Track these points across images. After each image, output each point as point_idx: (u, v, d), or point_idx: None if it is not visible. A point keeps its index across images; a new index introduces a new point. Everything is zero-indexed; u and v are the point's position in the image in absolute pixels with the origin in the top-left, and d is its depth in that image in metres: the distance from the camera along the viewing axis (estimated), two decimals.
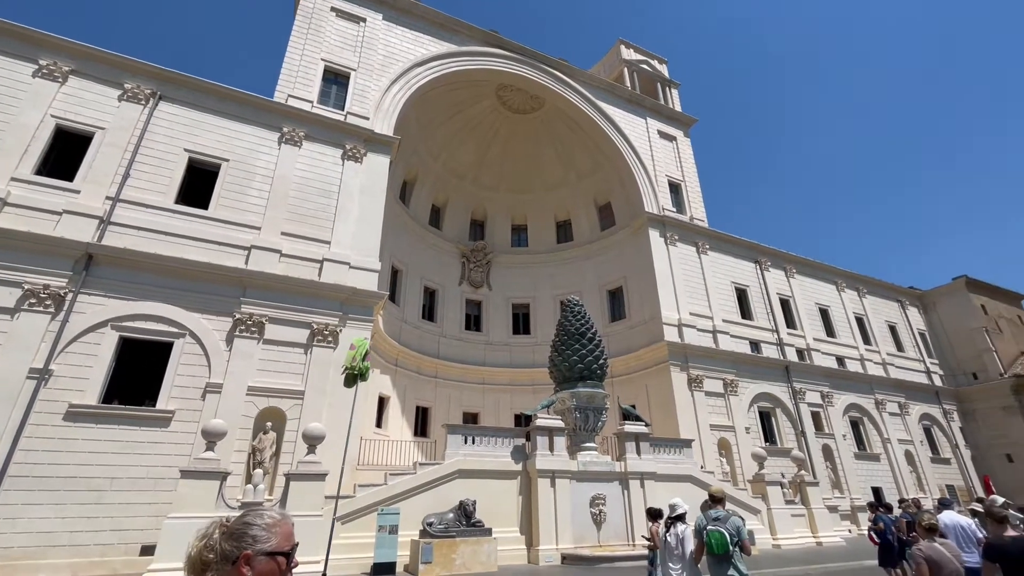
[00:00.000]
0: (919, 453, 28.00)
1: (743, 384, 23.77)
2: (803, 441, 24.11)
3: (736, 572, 5.14)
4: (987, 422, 30.74)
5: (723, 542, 5.15)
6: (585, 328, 17.07)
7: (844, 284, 31.97)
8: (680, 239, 26.11)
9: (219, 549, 1.40)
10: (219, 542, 1.41)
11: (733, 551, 5.18)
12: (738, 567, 5.18)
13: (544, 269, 28.87)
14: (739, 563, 5.21)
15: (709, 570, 5.36)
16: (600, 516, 14.47)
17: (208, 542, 1.42)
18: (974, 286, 34.08)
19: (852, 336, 30.21)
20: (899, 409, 28.83)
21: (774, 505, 18.42)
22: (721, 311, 25.48)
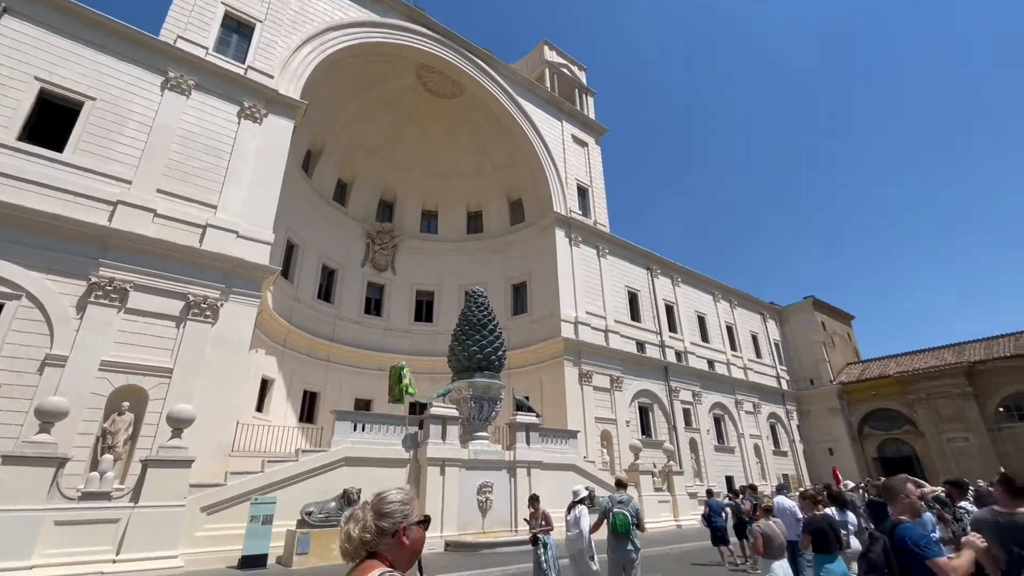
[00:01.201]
0: (765, 447, 32.26)
1: (627, 381, 25.63)
2: (674, 435, 26.63)
3: (632, 546, 6.16)
4: (817, 421, 36.26)
5: (626, 522, 6.10)
6: (487, 319, 17.29)
7: (720, 296, 35.72)
8: (583, 241, 27.38)
9: (374, 527, 1.61)
10: (373, 522, 1.62)
11: (632, 530, 6.17)
12: (634, 542, 6.20)
13: (452, 258, 28.71)
14: (635, 539, 6.25)
15: (611, 546, 6.21)
16: (487, 503, 14.82)
17: (364, 524, 1.61)
18: (818, 305, 39.89)
19: (722, 342, 33.88)
20: (753, 408, 32.94)
21: (645, 492, 20.15)
22: (614, 312, 27.19)
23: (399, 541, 1.63)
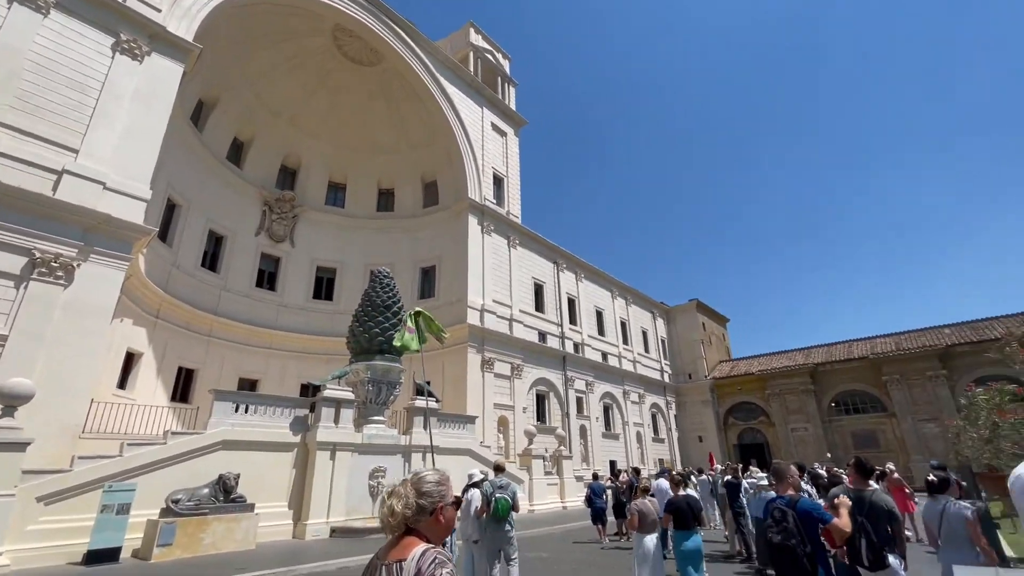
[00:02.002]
0: (646, 434, 35.15)
1: (527, 369, 26.46)
2: (567, 421, 28.04)
3: (510, 526, 6.45)
4: (691, 412, 40.24)
5: (507, 507, 6.32)
6: (392, 301, 16.84)
7: (618, 293, 38.03)
8: (495, 230, 27.61)
9: (415, 505, 1.72)
10: (415, 500, 1.73)
11: (510, 513, 6.44)
12: (511, 523, 6.50)
13: (359, 235, 27.49)
14: (511, 521, 6.54)
15: (490, 529, 6.39)
16: (378, 488, 14.55)
17: (407, 501, 1.73)
18: (701, 308, 44.06)
19: (616, 336, 36.18)
20: (639, 399, 35.68)
21: (536, 476, 21.05)
22: (520, 302, 27.84)
23: (436, 519, 1.78)
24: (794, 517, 4.05)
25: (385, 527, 1.76)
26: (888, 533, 4.30)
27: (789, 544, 3.98)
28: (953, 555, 4.22)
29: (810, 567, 3.90)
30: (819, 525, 4.00)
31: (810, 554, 3.93)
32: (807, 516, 4.02)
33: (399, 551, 1.69)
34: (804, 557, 3.92)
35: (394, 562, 1.66)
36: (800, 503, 4.15)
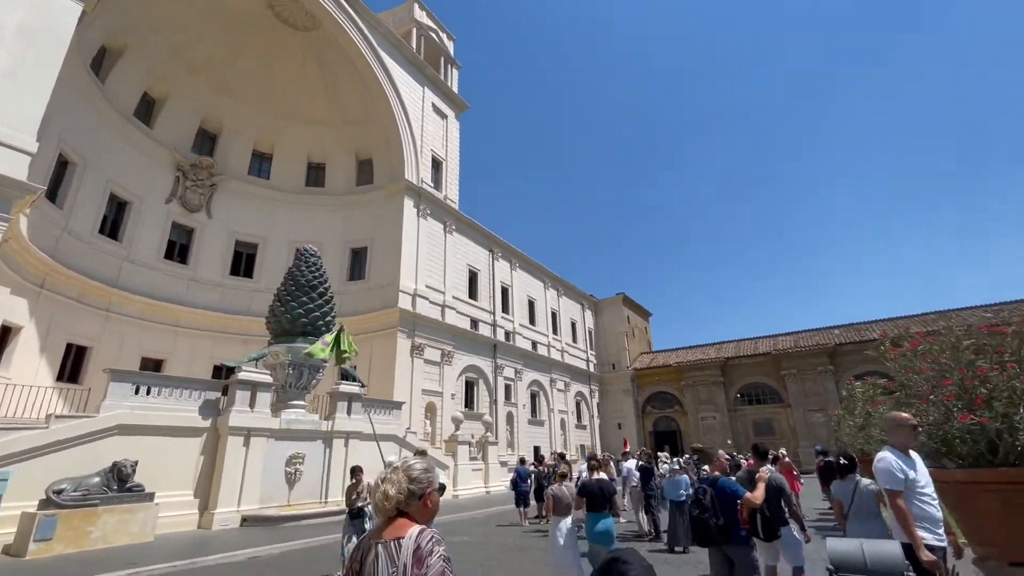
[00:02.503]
0: (569, 421, 36.41)
1: (458, 356, 26.42)
2: (495, 408, 28.40)
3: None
4: (613, 400, 42.17)
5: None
6: (318, 281, 16.13)
7: (550, 284, 38.84)
8: (432, 214, 27.15)
9: (406, 490, 1.83)
10: (406, 486, 1.84)
11: None
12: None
13: (285, 210, 25.96)
14: None
15: None
16: (296, 475, 14.00)
17: (400, 487, 1.84)
18: (627, 302, 46.07)
19: (547, 326, 37.01)
20: (564, 387, 36.83)
21: (461, 461, 21.19)
22: (454, 288, 27.66)
23: (424, 503, 1.91)
24: (711, 494, 4.74)
25: (379, 511, 1.89)
26: (780, 507, 4.96)
27: (703, 518, 4.65)
28: (860, 528, 4.76)
29: (720, 537, 4.54)
30: (736, 500, 4.65)
31: (721, 526, 4.56)
32: (723, 492, 4.70)
33: (395, 531, 1.82)
34: (715, 529, 4.57)
35: (392, 540, 1.79)
36: (719, 482, 4.82)
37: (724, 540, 4.62)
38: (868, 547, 3.13)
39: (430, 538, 1.77)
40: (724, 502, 4.69)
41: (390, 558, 1.75)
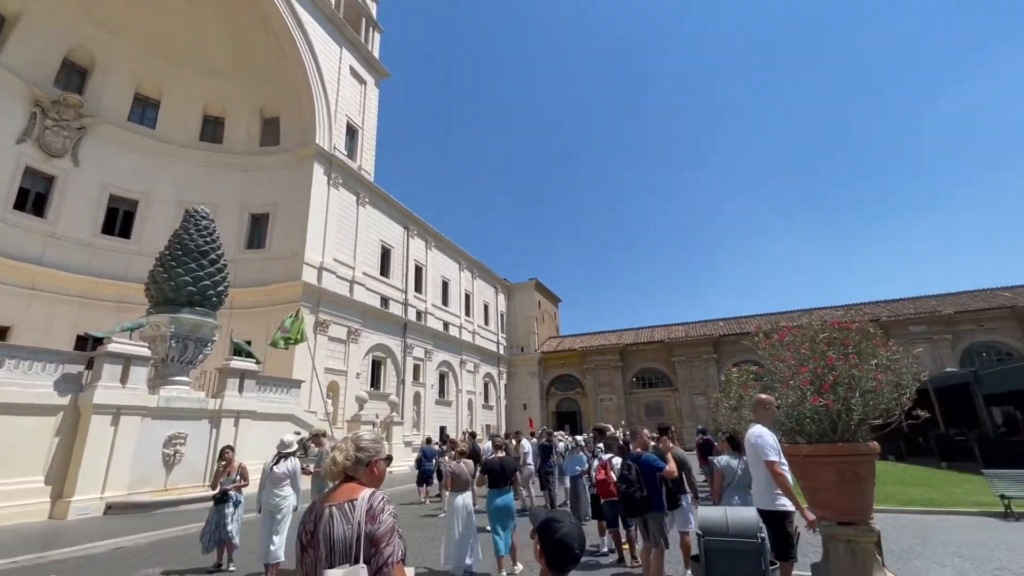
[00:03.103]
0: (477, 401, 36.91)
1: (366, 334, 25.56)
2: (402, 388, 27.96)
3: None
4: (520, 382, 43.38)
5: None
6: (210, 247, 14.66)
7: (465, 265, 38.72)
8: (344, 184, 25.74)
9: (354, 457, 2.03)
10: (354, 454, 2.03)
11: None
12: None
13: (173, 165, 23.22)
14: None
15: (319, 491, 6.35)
16: (175, 457, 12.79)
17: (347, 454, 2.03)
18: (539, 287, 47.32)
19: (460, 307, 36.96)
20: (474, 368, 37.16)
21: None
22: (364, 264, 26.59)
23: (371, 470, 2.06)
24: (636, 469, 5.39)
25: (328, 475, 2.04)
26: (683, 479, 5.93)
27: (630, 491, 5.30)
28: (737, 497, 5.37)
29: (643, 506, 5.26)
30: (656, 472, 5.39)
31: (645, 497, 5.27)
32: (646, 466, 5.38)
33: (346, 494, 1.94)
34: (640, 500, 5.26)
35: (345, 502, 1.90)
36: (643, 457, 5.48)
37: (646, 509, 5.25)
38: (731, 514, 3.53)
39: (381, 498, 1.93)
40: (647, 475, 5.34)
41: (344, 517, 1.87)
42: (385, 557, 1.81)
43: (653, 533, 5.35)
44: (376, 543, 1.82)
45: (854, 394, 5.03)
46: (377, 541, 1.83)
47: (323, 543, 1.84)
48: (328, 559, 1.82)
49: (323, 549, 1.83)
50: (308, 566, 1.86)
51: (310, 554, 1.86)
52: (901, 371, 5.12)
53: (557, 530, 1.75)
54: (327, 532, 1.84)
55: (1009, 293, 33.56)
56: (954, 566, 6.25)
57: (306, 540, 1.88)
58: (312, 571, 1.84)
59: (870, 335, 5.23)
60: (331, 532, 1.84)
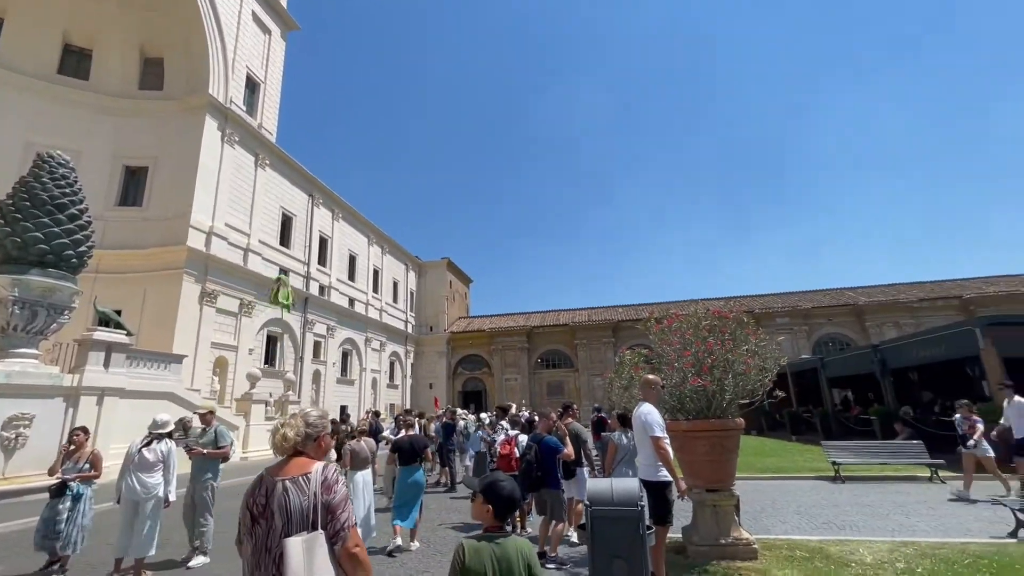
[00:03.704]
0: (381, 380, 36.08)
1: (261, 307, 23.78)
2: (300, 366, 26.49)
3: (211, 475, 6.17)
4: (427, 361, 43.08)
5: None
6: (70, 200, 12.62)
7: (375, 240, 37.28)
8: (240, 142, 23.44)
9: (304, 433, 2.14)
10: (304, 430, 2.14)
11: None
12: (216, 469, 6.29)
13: (22, 99, 19.65)
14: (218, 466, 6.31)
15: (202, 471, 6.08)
16: (16, 441, 11.07)
17: (298, 430, 2.13)
18: (451, 266, 46.99)
19: (367, 283, 35.61)
20: (380, 347, 36.19)
21: (255, 421, 19.36)
22: (262, 231, 24.59)
23: (318, 445, 2.18)
24: (536, 450, 5.89)
25: (277, 449, 2.11)
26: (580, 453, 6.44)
27: (529, 470, 5.82)
28: (626, 470, 5.88)
29: (539, 483, 5.79)
30: (555, 454, 5.89)
31: (540, 476, 5.79)
32: (547, 448, 5.88)
33: (298, 467, 2.05)
34: (536, 478, 5.80)
35: (299, 475, 2.01)
36: (545, 440, 5.94)
37: (543, 486, 5.79)
38: (616, 484, 3.82)
39: (334, 470, 2.08)
40: (546, 456, 5.83)
41: (299, 489, 1.97)
42: (342, 522, 1.99)
43: (553, 509, 5.76)
44: (332, 511, 1.98)
45: (728, 376, 5.64)
46: (333, 509, 1.98)
47: (278, 514, 1.93)
48: (285, 529, 1.91)
49: (278, 520, 1.92)
50: (259, 536, 1.92)
51: (262, 525, 1.94)
52: (766, 356, 5.83)
53: (504, 488, 2.22)
54: (282, 504, 1.94)
55: (852, 293, 39.42)
56: (793, 522, 7.33)
57: (257, 512, 1.95)
58: (264, 541, 1.92)
59: (743, 324, 5.88)
60: (287, 504, 1.94)
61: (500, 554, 2.06)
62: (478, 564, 2.03)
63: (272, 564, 1.88)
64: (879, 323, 35.03)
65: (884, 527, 6.82)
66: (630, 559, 3.44)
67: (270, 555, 1.89)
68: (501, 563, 2.04)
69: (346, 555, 1.97)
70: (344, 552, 1.96)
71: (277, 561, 1.87)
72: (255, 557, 1.92)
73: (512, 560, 2.05)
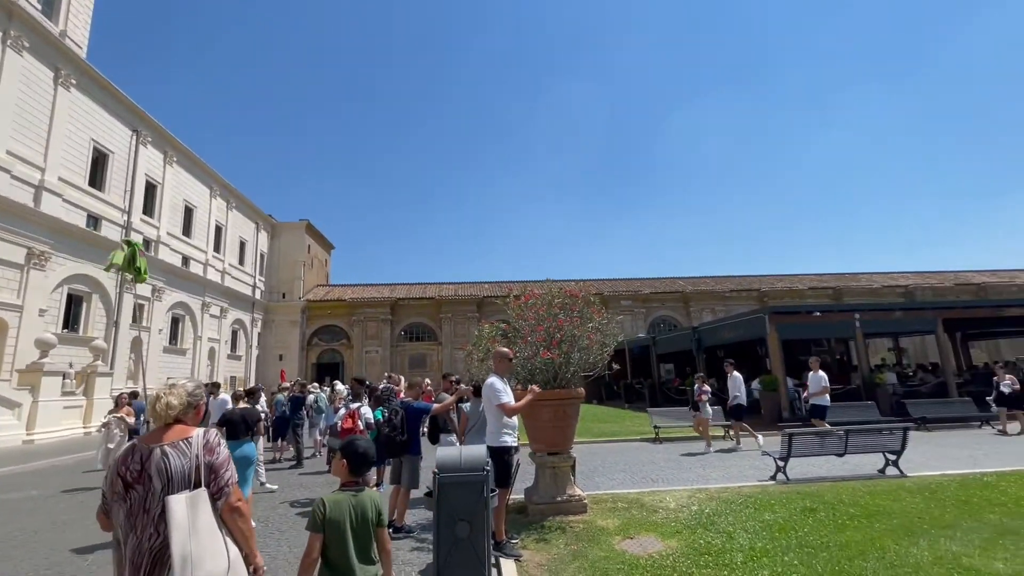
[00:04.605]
0: (221, 351, 32.32)
1: (60, 260, 19.54)
2: (114, 332, 22.49)
3: None
4: (278, 331, 39.63)
5: None
6: None
7: (219, 191, 32.77)
8: (33, 51, 18.63)
9: (186, 402, 2.21)
10: (186, 399, 2.21)
11: None
12: None
13: None
14: None
15: None
16: None
17: (182, 399, 2.19)
18: (310, 230, 43.46)
19: (207, 240, 31.27)
20: (220, 313, 32.27)
21: (45, 397, 16.09)
22: (62, 167, 20.04)
23: (197, 412, 2.31)
24: (403, 416, 5.87)
25: (158, 417, 2.13)
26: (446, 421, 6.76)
27: (392, 435, 5.79)
28: (478, 438, 6.05)
29: (401, 449, 5.83)
30: (419, 418, 5.96)
31: (404, 441, 5.81)
32: (414, 412, 5.94)
33: (177, 434, 2.10)
34: (399, 444, 5.79)
35: (179, 440, 2.07)
36: (412, 406, 5.99)
37: (403, 452, 5.85)
38: (465, 452, 3.97)
39: (215, 434, 2.19)
40: (411, 422, 5.88)
41: (180, 453, 2.04)
42: (225, 480, 2.10)
43: (407, 474, 5.83)
44: (216, 470, 2.09)
45: (574, 350, 6.16)
46: (217, 468, 2.09)
47: (157, 477, 1.96)
48: (165, 490, 1.96)
49: (157, 482, 1.96)
50: (135, 500, 1.95)
51: (137, 490, 1.96)
52: (607, 333, 6.47)
53: (359, 446, 2.56)
54: (161, 467, 1.98)
55: (682, 282, 45.54)
56: (619, 479, 8.38)
57: (132, 479, 1.97)
58: (141, 504, 1.95)
59: (590, 303, 6.44)
60: (167, 467, 1.99)
61: (356, 504, 2.39)
62: (338, 514, 2.32)
63: (151, 523, 1.93)
64: (700, 309, 41.09)
65: (687, 478, 8.14)
66: (473, 521, 3.63)
67: (148, 515, 1.94)
68: (357, 511, 2.38)
69: (229, 509, 2.09)
70: (227, 507, 2.08)
71: (156, 520, 1.93)
72: (131, 520, 1.94)
73: (367, 509, 2.40)
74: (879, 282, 44.17)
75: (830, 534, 4.92)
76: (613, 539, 4.99)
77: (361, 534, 2.35)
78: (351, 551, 2.30)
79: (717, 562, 4.29)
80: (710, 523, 5.40)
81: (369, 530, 2.38)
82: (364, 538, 2.36)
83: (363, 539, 2.35)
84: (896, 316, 18.44)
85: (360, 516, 2.36)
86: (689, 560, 4.35)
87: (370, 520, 2.38)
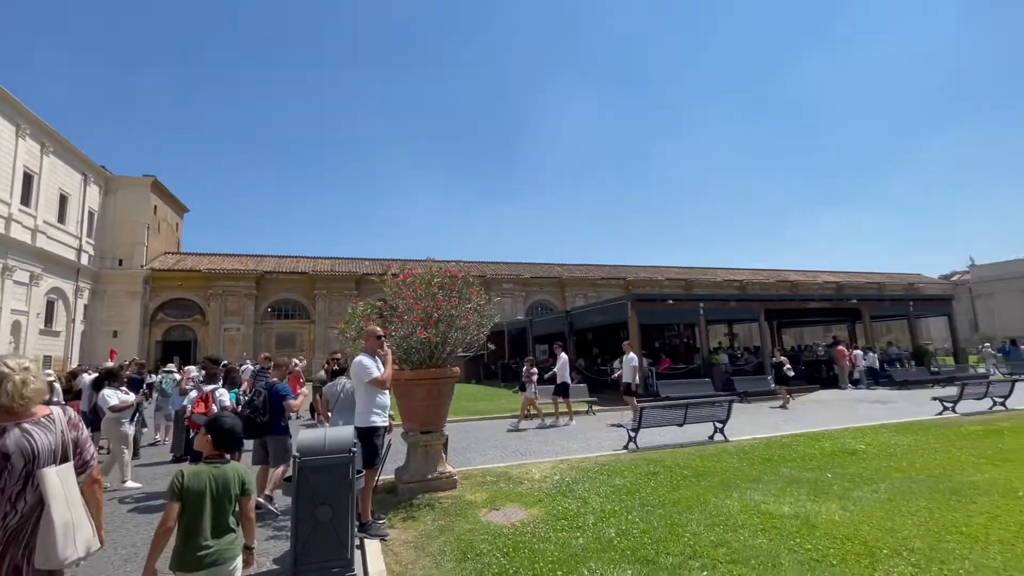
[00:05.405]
0: (31, 325, 26.80)
1: None
2: None
3: None
4: (112, 303, 33.88)
5: None
6: None
7: (30, 131, 26.76)
8: None
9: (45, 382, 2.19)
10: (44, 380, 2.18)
11: None
12: None
13: None
14: None
15: None
16: None
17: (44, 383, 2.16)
18: (157, 188, 37.61)
19: (11, 191, 25.47)
20: (30, 279, 26.68)
21: None
22: None
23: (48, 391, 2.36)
24: (266, 397, 5.83)
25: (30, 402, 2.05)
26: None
27: (252, 416, 5.66)
28: (342, 418, 5.77)
29: (263, 429, 5.78)
30: (282, 401, 5.92)
31: (265, 422, 5.76)
32: (277, 395, 5.91)
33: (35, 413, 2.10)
34: (259, 425, 5.74)
35: (41, 417, 2.09)
36: (276, 387, 5.96)
37: (265, 432, 5.81)
38: (330, 434, 3.81)
39: (74, 413, 2.25)
40: (275, 403, 5.85)
41: (45, 429, 2.06)
42: (90, 454, 2.22)
43: (276, 453, 5.90)
44: (81, 445, 2.17)
45: (451, 330, 6.20)
46: (81, 444, 2.18)
47: (21, 455, 1.96)
48: (27, 467, 1.97)
49: (17, 461, 1.95)
50: None
51: None
52: (484, 314, 6.61)
53: (225, 422, 2.62)
54: (23, 444, 1.97)
55: (560, 268, 48.10)
56: (491, 455, 8.70)
57: None
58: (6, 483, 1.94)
59: (469, 284, 6.51)
60: (32, 444, 1.99)
61: (218, 474, 2.46)
62: (197, 484, 2.37)
63: (6, 501, 1.93)
64: (574, 294, 43.83)
65: (551, 451, 8.73)
66: (336, 504, 3.51)
67: (3, 495, 1.93)
68: (218, 481, 2.44)
69: (91, 482, 2.19)
70: (89, 480, 2.18)
71: (13, 498, 1.94)
72: None
73: (229, 479, 2.47)
74: (721, 276, 50.94)
75: (667, 493, 5.65)
76: (480, 512, 5.19)
77: (221, 504, 2.41)
78: (205, 520, 2.36)
79: (572, 525, 4.69)
80: (568, 490, 5.87)
81: (231, 500, 2.44)
82: (223, 508, 2.42)
83: (222, 509, 2.42)
84: (731, 306, 21.52)
85: (222, 486, 2.43)
86: (548, 525, 4.70)
87: (232, 490, 2.45)
